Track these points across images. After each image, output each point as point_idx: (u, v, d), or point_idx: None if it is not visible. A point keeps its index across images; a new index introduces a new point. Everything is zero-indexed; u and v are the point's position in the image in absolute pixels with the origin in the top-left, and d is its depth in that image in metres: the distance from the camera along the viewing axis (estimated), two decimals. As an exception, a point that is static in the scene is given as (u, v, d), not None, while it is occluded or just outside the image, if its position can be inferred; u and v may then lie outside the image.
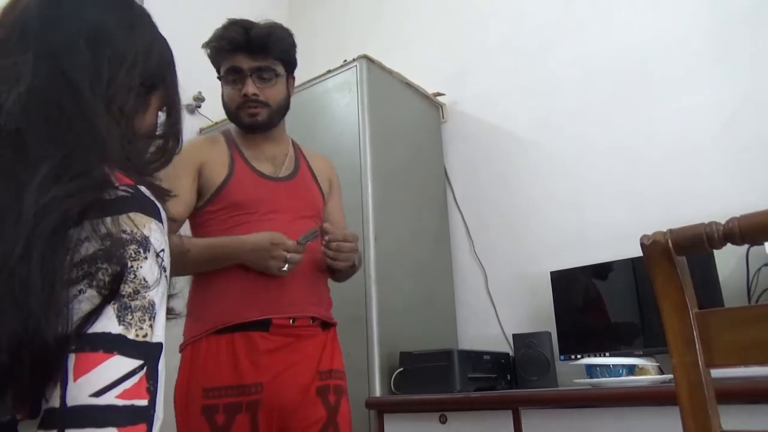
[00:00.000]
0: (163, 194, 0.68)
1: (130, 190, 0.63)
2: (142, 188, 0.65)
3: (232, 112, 1.48)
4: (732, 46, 1.98)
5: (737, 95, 1.95)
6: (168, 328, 0.63)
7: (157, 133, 0.79)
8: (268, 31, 1.44)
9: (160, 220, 0.64)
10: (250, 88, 1.43)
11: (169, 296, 0.67)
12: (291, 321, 1.37)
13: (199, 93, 2.75)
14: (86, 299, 0.56)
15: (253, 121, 1.46)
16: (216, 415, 1.28)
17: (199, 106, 2.77)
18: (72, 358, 0.54)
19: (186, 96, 2.73)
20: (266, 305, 1.35)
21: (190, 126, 2.75)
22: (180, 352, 1.40)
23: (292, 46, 1.51)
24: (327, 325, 1.46)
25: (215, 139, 1.52)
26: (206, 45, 1.49)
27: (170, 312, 0.68)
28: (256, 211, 1.41)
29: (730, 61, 1.98)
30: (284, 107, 1.52)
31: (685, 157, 2.00)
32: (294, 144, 1.60)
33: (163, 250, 0.63)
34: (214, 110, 2.75)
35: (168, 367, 0.62)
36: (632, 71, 2.17)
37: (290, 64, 1.52)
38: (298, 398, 1.34)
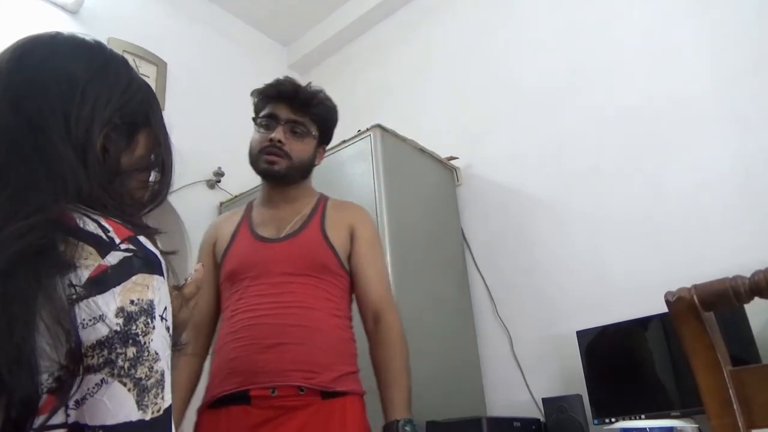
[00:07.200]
0: (153, 233, 0.66)
1: (132, 247, 0.59)
2: (141, 238, 0.62)
3: (254, 155, 1.45)
4: (739, 101, 2.00)
5: (750, 148, 1.94)
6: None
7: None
8: (315, 92, 1.46)
9: (161, 272, 0.61)
10: (278, 134, 1.41)
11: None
12: (271, 391, 1.26)
13: (219, 168, 2.83)
14: (108, 390, 0.54)
15: (269, 168, 1.42)
16: None
17: (219, 181, 2.83)
18: None
19: (206, 171, 2.81)
20: (246, 377, 1.28)
21: (210, 201, 2.81)
22: None
23: (333, 116, 1.52)
24: (332, 394, 1.30)
25: (236, 212, 1.54)
26: (254, 92, 1.49)
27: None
28: (246, 277, 1.38)
29: (739, 115, 1.99)
30: (306, 166, 1.47)
31: (704, 211, 1.98)
32: (321, 201, 1.51)
33: (165, 308, 0.60)
34: (233, 185, 2.82)
35: None
36: (643, 128, 2.19)
37: (325, 132, 1.52)
38: None
